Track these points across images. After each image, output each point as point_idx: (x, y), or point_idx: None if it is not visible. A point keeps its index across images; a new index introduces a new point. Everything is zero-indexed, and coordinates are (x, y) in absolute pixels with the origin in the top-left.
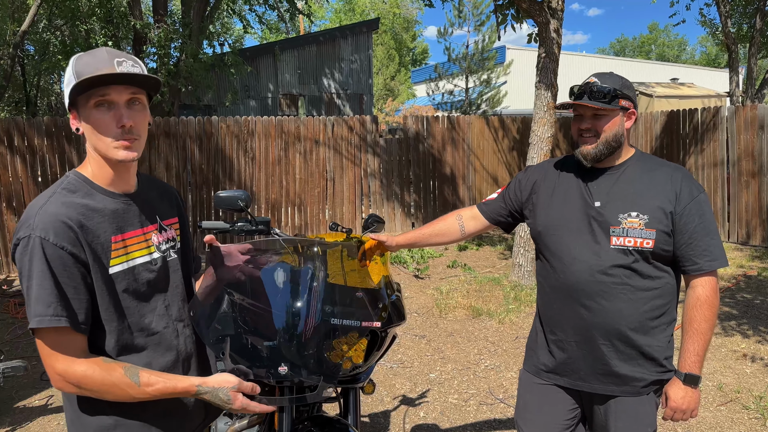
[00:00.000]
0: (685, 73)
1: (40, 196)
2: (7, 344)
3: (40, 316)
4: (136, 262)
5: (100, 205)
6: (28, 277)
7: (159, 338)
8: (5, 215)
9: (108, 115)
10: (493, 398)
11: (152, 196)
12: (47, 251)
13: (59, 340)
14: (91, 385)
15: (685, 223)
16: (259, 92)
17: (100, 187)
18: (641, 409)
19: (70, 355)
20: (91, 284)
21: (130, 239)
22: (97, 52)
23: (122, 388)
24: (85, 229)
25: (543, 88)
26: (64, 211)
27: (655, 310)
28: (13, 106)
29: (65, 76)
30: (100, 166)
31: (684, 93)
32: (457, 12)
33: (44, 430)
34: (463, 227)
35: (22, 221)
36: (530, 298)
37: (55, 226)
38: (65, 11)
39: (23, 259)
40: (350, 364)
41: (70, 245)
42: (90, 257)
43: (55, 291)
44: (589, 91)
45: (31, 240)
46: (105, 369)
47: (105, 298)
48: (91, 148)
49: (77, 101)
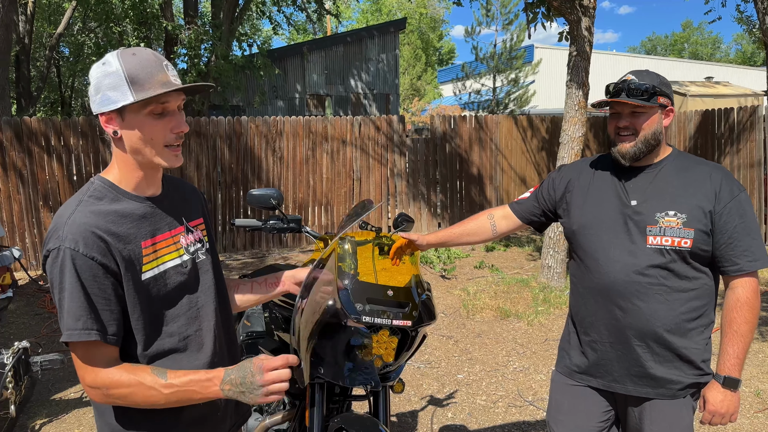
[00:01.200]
0: (720, 71)
1: (67, 205)
2: (44, 338)
3: (71, 330)
4: (166, 266)
5: (128, 211)
6: (60, 290)
7: (191, 342)
8: (42, 212)
9: (162, 122)
10: (522, 400)
11: (177, 198)
12: (77, 263)
13: (90, 353)
14: (120, 387)
15: (725, 223)
16: (287, 93)
17: (127, 192)
18: (677, 412)
19: (101, 366)
20: (122, 294)
21: (159, 243)
22: (142, 53)
23: (150, 385)
24: (115, 236)
25: (574, 87)
26: (93, 221)
27: (693, 311)
28: (48, 106)
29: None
30: (130, 171)
31: (719, 92)
32: (485, 11)
33: (80, 422)
34: (494, 226)
35: (51, 231)
36: (559, 300)
37: (84, 236)
38: (99, 14)
39: (53, 270)
40: (381, 363)
41: (100, 256)
42: (121, 266)
43: (84, 304)
44: (627, 88)
45: (60, 251)
46: (131, 371)
47: (137, 306)
48: (130, 153)
49: (125, 107)
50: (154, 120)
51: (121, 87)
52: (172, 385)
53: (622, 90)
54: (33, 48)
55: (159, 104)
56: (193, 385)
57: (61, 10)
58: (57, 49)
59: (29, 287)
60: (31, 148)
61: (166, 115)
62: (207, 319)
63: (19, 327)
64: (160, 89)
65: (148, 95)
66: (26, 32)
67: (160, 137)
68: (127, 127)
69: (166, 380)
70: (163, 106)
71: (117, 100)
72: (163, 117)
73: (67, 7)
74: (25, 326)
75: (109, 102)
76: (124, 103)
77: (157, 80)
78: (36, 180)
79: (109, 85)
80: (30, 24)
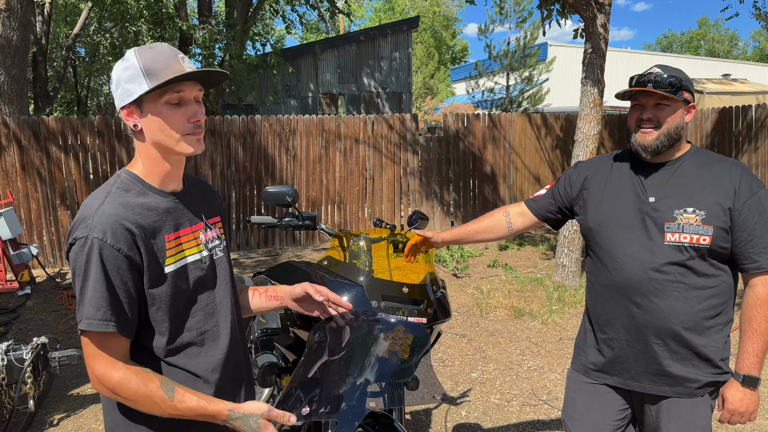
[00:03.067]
0: (737, 68)
1: (95, 196)
2: (62, 334)
3: (90, 319)
4: (187, 260)
5: (153, 204)
6: (83, 278)
7: (208, 337)
8: (59, 211)
9: (179, 111)
10: (536, 399)
11: (197, 195)
12: (104, 253)
13: (104, 343)
14: (126, 393)
15: (745, 220)
16: (300, 92)
17: (152, 186)
18: (695, 411)
19: (112, 357)
20: (141, 288)
21: (182, 237)
22: (158, 47)
23: (155, 401)
24: (142, 229)
25: (589, 85)
26: (122, 213)
27: (711, 309)
28: (65, 106)
29: (125, 71)
30: (154, 164)
31: (736, 89)
32: (499, 9)
33: (97, 417)
34: (510, 224)
35: (78, 220)
36: (574, 299)
37: (113, 228)
38: (115, 14)
39: (78, 259)
40: (396, 359)
41: (127, 248)
42: (145, 259)
43: (106, 294)
44: (654, 80)
45: (88, 241)
46: (141, 379)
47: (157, 299)
48: (152, 144)
49: (143, 98)
50: (171, 110)
51: (137, 78)
52: (176, 408)
53: (648, 81)
54: (50, 48)
55: (175, 93)
56: (194, 413)
57: (78, 10)
58: (73, 50)
59: (47, 284)
60: (48, 147)
61: (182, 105)
62: (224, 315)
63: (37, 323)
64: (169, 76)
65: (159, 82)
66: (43, 33)
67: (177, 126)
68: (146, 119)
69: (172, 401)
70: (179, 96)
71: (134, 91)
72: (180, 107)
73: (84, 8)
74: (43, 322)
75: (127, 95)
76: (141, 92)
77: (172, 70)
78: (53, 179)
79: (127, 78)
80: (47, 25)
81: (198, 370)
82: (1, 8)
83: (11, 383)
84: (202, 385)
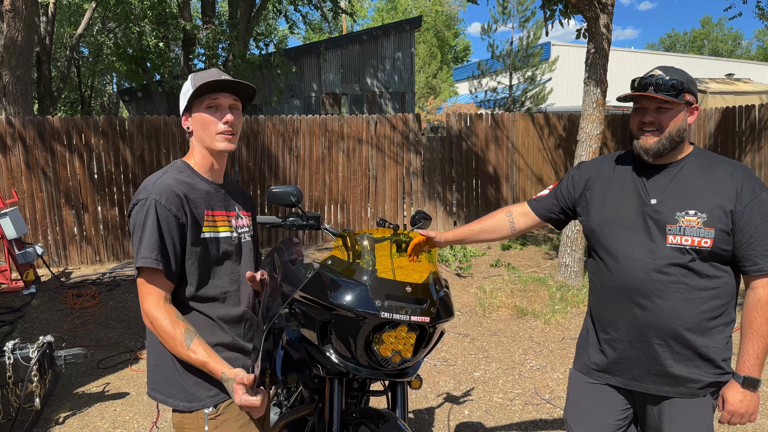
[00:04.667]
0: (740, 68)
1: (155, 174)
2: (67, 333)
3: (145, 258)
4: (219, 234)
5: (197, 185)
6: (141, 229)
7: (229, 296)
8: (63, 210)
9: (215, 115)
10: (539, 398)
11: (233, 191)
12: (159, 211)
13: (152, 280)
14: (158, 328)
15: (746, 222)
16: (303, 92)
17: (199, 174)
18: (697, 411)
19: (157, 295)
20: (184, 243)
21: (216, 216)
22: (209, 70)
23: (176, 342)
24: (187, 199)
25: (592, 85)
26: (174, 184)
27: (713, 310)
28: (68, 106)
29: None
30: (202, 157)
31: (740, 89)
32: (502, 8)
33: (102, 415)
34: (513, 224)
35: (141, 189)
36: (577, 299)
37: (167, 193)
38: (119, 14)
39: (139, 214)
40: (399, 358)
41: (176, 209)
42: (189, 222)
43: (159, 242)
44: (655, 83)
45: (148, 201)
46: (172, 321)
47: (193, 255)
48: (197, 141)
49: (192, 105)
50: (209, 113)
51: (188, 91)
52: (188, 355)
53: (649, 84)
54: (54, 49)
55: (212, 100)
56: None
57: (81, 11)
58: (77, 50)
59: (52, 283)
60: (53, 146)
61: (218, 109)
62: (244, 285)
63: (42, 322)
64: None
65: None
66: (47, 33)
67: (213, 125)
68: (194, 121)
69: (188, 348)
70: (215, 102)
71: (185, 100)
72: (216, 111)
73: (87, 8)
74: (48, 321)
75: (183, 104)
76: (186, 99)
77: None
78: (58, 178)
79: (183, 92)
80: (51, 25)
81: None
82: (6, 9)
83: (17, 381)
84: (220, 332)
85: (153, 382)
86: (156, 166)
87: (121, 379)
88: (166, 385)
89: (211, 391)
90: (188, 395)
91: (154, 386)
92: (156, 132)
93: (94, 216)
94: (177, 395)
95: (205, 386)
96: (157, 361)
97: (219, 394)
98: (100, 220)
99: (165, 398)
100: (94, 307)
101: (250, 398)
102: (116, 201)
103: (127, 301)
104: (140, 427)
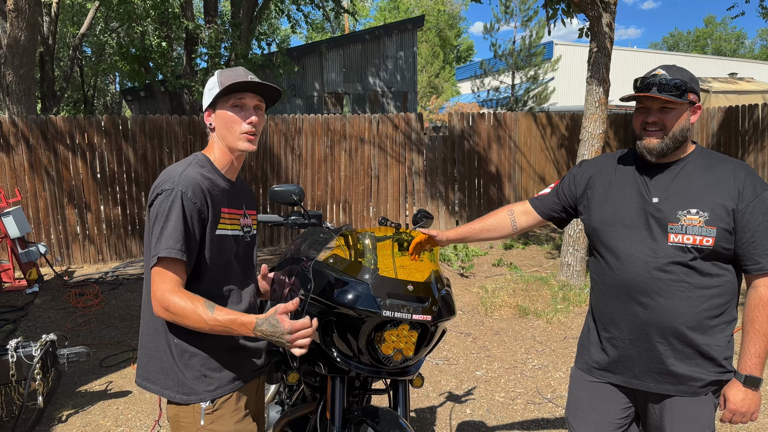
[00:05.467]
0: (744, 67)
1: (176, 166)
2: (70, 332)
3: (170, 248)
4: (230, 232)
5: (217, 182)
6: (165, 219)
7: (234, 294)
8: (67, 209)
9: (240, 114)
10: (540, 397)
11: (242, 190)
12: (185, 202)
13: (172, 270)
14: (177, 309)
15: (748, 221)
16: (305, 91)
17: (218, 170)
18: (698, 409)
19: (173, 283)
20: (203, 238)
21: (231, 214)
22: (236, 69)
23: (199, 314)
24: (210, 195)
25: (594, 84)
26: (200, 178)
27: (715, 309)
28: (71, 105)
29: (208, 84)
30: (222, 154)
31: (743, 88)
32: (504, 7)
33: (105, 413)
34: (514, 222)
35: (164, 179)
36: (579, 298)
37: (193, 186)
38: (122, 14)
39: (163, 204)
40: (401, 357)
41: (200, 203)
42: (209, 217)
43: (184, 233)
44: (658, 83)
45: (173, 192)
46: (190, 299)
47: (208, 251)
48: (219, 138)
49: (216, 102)
50: (234, 112)
51: (214, 88)
52: (216, 319)
53: (652, 84)
54: (57, 48)
55: (238, 99)
56: (231, 324)
57: (84, 10)
58: (80, 49)
59: (55, 282)
60: (56, 146)
61: (243, 109)
62: (246, 284)
63: (45, 321)
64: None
65: (222, 86)
66: (50, 33)
67: (237, 125)
68: (217, 118)
69: (212, 314)
70: (241, 102)
71: (211, 96)
72: (241, 110)
73: (90, 8)
74: (51, 320)
75: (208, 100)
76: (213, 96)
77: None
78: (61, 177)
79: (208, 89)
80: (54, 25)
81: None
82: (10, 8)
83: (21, 380)
84: None
85: (145, 371)
86: (159, 165)
87: (124, 378)
88: (162, 377)
89: (210, 386)
90: (186, 388)
91: (146, 376)
92: (159, 131)
93: (97, 215)
94: (174, 387)
95: (205, 381)
96: (151, 351)
97: (217, 389)
98: (102, 220)
99: (160, 389)
100: (96, 305)
101: (297, 321)
102: (119, 200)
103: (129, 300)
104: (143, 425)
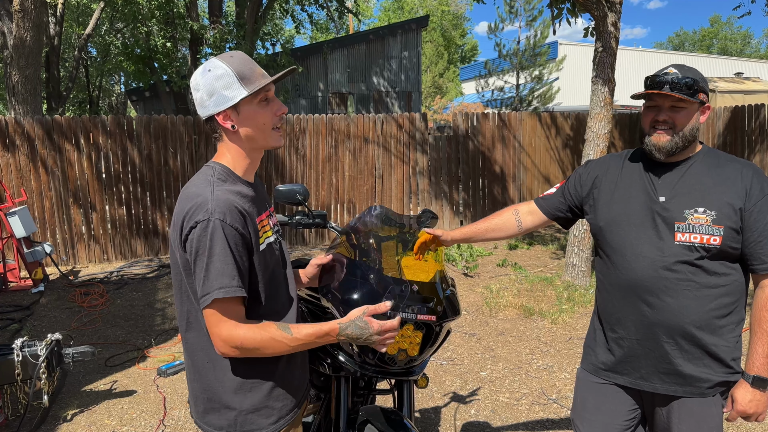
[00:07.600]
0: (750, 67)
1: (199, 186)
2: (74, 331)
3: (227, 287)
4: (268, 240)
5: (244, 192)
6: (209, 255)
7: (289, 305)
8: (72, 209)
9: (268, 108)
10: (545, 398)
11: (260, 189)
12: (226, 232)
13: (231, 309)
14: (251, 343)
15: (755, 221)
16: (309, 91)
17: (238, 176)
18: (706, 411)
19: (236, 321)
20: (251, 261)
21: (264, 221)
22: (237, 54)
23: (278, 340)
24: (246, 212)
25: (600, 84)
26: (233, 198)
27: (723, 308)
28: (77, 105)
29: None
30: (241, 158)
31: (749, 88)
32: (509, 7)
33: (109, 412)
34: (520, 222)
35: (193, 208)
36: (584, 298)
37: (230, 210)
38: (126, 14)
39: (203, 238)
40: (405, 357)
41: (241, 227)
42: (252, 237)
43: (235, 266)
44: (671, 81)
45: (211, 222)
46: (260, 327)
47: (260, 272)
48: (244, 140)
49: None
50: (262, 108)
51: (233, 85)
52: (297, 339)
53: (664, 82)
54: (62, 49)
55: (265, 92)
56: (312, 337)
57: (90, 11)
58: (85, 50)
59: (60, 282)
60: (61, 146)
61: (269, 102)
62: (293, 289)
63: (50, 320)
64: (263, 80)
65: (258, 86)
66: (56, 33)
67: (269, 121)
68: (243, 119)
69: (291, 335)
70: (267, 95)
71: (233, 96)
72: (268, 104)
73: (96, 9)
74: (56, 319)
75: (226, 100)
76: (241, 97)
77: (258, 73)
78: (66, 177)
79: (222, 85)
80: (59, 25)
81: None
82: (15, 9)
83: (26, 379)
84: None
85: (196, 413)
86: (163, 165)
87: (129, 377)
88: (214, 417)
89: (271, 418)
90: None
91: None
92: (163, 131)
93: (102, 215)
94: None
95: (265, 413)
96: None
97: (279, 421)
98: (108, 219)
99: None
100: (102, 305)
101: (387, 322)
102: (124, 200)
103: (134, 299)
104: (147, 425)
